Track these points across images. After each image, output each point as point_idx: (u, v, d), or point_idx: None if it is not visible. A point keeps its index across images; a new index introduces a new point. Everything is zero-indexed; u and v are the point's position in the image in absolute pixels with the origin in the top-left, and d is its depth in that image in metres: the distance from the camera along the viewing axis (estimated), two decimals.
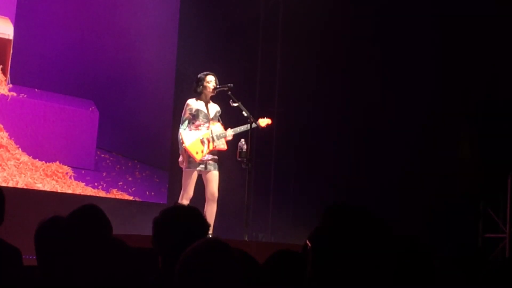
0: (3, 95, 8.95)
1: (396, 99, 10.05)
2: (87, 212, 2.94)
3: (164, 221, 3.30)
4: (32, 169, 9.05)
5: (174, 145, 8.61)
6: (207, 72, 8.30)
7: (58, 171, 9.27)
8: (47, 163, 9.20)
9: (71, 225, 2.86)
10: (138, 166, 10.15)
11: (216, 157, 8.25)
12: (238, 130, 8.30)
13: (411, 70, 9.98)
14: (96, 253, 2.82)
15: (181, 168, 8.25)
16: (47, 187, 9.09)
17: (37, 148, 9.14)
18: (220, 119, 8.37)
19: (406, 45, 10.04)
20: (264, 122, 8.49)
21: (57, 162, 9.28)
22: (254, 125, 8.26)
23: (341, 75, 10.62)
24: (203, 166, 8.17)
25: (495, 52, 9.44)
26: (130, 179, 10.02)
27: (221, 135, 8.25)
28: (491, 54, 9.45)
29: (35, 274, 2.88)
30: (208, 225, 3.44)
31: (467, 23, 9.58)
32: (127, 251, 2.75)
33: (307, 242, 2.53)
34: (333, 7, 10.49)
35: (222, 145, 8.27)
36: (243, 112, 8.26)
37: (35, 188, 8.98)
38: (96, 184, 9.63)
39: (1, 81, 8.98)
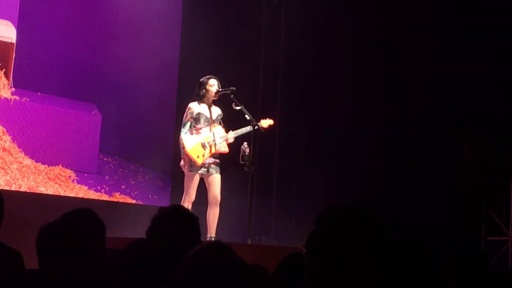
0: (6, 98, 8.96)
1: (399, 101, 10.04)
2: (79, 216, 2.94)
3: (155, 230, 3.34)
4: (35, 173, 9.06)
5: (177, 148, 8.61)
6: (210, 76, 8.31)
7: (60, 175, 9.28)
8: (50, 167, 9.21)
9: (63, 228, 2.86)
10: (140, 169, 10.15)
11: (218, 160, 8.25)
12: (240, 132, 8.30)
13: (414, 71, 9.97)
14: (89, 256, 2.83)
15: (184, 172, 8.24)
16: (50, 191, 9.09)
17: (40, 152, 9.14)
18: (221, 122, 8.36)
19: (409, 45, 10.03)
20: (266, 123, 8.48)
21: (60, 166, 9.29)
22: (256, 127, 8.27)
23: (344, 76, 10.61)
24: (205, 169, 8.16)
25: (499, 54, 9.42)
26: (132, 182, 10.02)
27: (223, 139, 8.24)
28: (495, 55, 9.44)
29: (37, 278, 2.88)
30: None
31: (471, 23, 9.57)
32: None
33: (303, 247, 2.53)
34: (335, 8, 10.49)
35: (223, 148, 8.27)
36: (246, 115, 8.26)
37: (38, 191, 8.98)
38: (99, 187, 9.63)
39: (4, 84, 8.99)
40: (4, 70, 8.99)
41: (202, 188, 8.24)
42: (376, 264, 2.48)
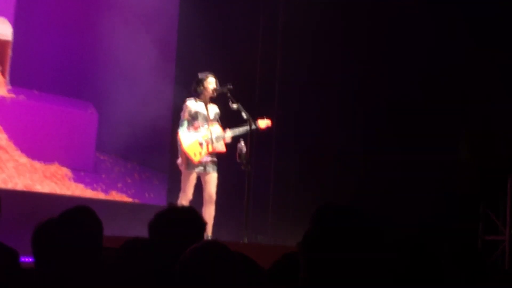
0: (2, 96, 8.94)
1: (396, 101, 10.04)
2: (77, 214, 2.93)
3: (159, 224, 3.30)
4: (31, 171, 9.05)
5: (174, 147, 8.60)
6: (208, 73, 8.28)
7: (57, 173, 9.26)
8: (46, 165, 9.19)
9: (62, 226, 2.86)
10: (137, 168, 10.14)
11: (215, 159, 8.24)
12: (237, 131, 8.28)
13: (412, 71, 9.97)
14: (87, 254, 2.82)
15: (181, 170, 8.23)
16: (46, 189, 9.08)
17: (36, 150, 9.13)
18: (219, 120, 8.35)
19: (407, 45, 10.03)
20: (263, 123, 8.48)
21: (56, 164, 9.28)
22: (253, 126, 8.25)
23: (341, 77, 10.61)
24: (202, 168, 8.16)
25: (499, 52, 9.41)
26: (129, 181, 10.01)
27: (220, 137, 8.23)
28: (494, 53, 9.43)
29: (33, 276, 2.88)
30: (204, 223, 3.44)
31: (470, 21, 9.56)
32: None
33: (297, 245, 2.52)
34: (333, 9, 10.49)
35: (220, 147, 8.25)
36: (243, 114, 8.24)
37: (34, 189, 8.98)
38: (95, 186, 9.62)
39: (1, 82, 8.98)
40: (0, 68, 8.98)
41: (199, 186, 8.23)
42: (373, 263, 2.47)
